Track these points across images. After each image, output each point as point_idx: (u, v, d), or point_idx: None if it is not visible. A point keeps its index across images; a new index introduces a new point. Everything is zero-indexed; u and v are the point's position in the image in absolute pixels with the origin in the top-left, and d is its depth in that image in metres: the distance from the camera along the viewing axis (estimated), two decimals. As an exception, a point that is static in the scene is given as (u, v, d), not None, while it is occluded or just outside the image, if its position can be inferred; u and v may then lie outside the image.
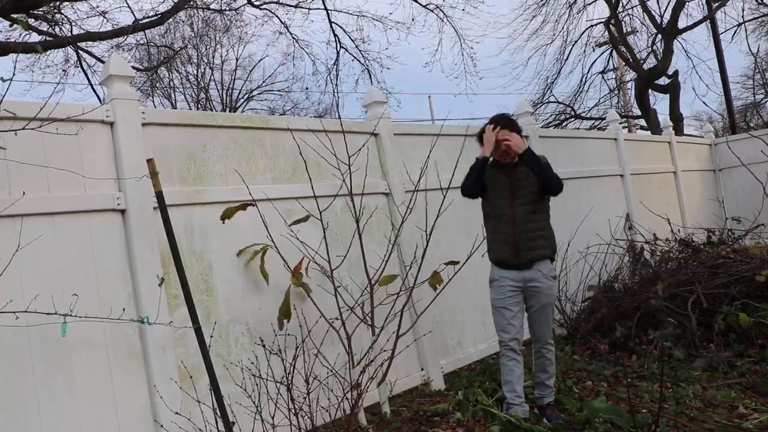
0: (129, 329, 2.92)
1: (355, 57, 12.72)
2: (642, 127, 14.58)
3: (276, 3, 11.78)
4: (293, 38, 12.65)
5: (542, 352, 3.50)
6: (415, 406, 3.87)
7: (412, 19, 19.73)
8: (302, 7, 11.85)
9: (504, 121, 3.45)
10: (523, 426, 3.18)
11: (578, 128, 14.43)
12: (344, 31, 12.49)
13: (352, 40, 12.60)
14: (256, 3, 11.61)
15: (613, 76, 15.39)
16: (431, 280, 3.83)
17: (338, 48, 12.46)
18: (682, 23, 11.85)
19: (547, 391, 3.52)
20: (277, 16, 12.21)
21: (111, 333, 2.85)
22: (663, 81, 12.00)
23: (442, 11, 12.46)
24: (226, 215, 3.22)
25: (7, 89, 2.39)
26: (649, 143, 7.85)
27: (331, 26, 12.12)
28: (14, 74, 2.39)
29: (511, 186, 3.40)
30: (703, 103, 17.15)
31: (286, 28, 12.41)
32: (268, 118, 3.96)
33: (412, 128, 5.09)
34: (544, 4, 13.79)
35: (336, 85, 12.79)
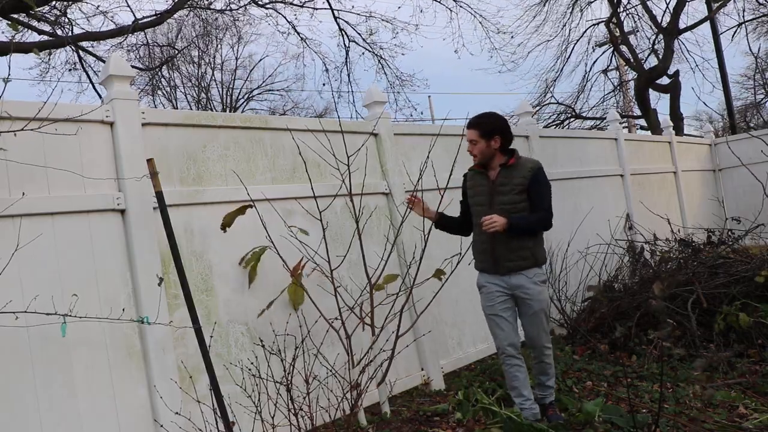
0: (129, 329, 2.92)
1: (365, 50, 12.71)
2: (642, 127, 14.58)
3: (282, 2, 11.76)
4: (301, 38, 12.61)
5: (541, 358, 3.44)
6: (415, 406, 3.87)
7: (420, 11, 19.70)
8: (308, 7, 11.83)
9: (471, 122, 3.33)
10: (524, 423, 3.18)
11: (579, 128, 14.43)
12: (351, 26, 12.46)
13: (359, 34, 12.60)
14: (260, 2, 11.59)
15: (616, 75, 15.41)
16: (435, 274, 3.81)
17: (347, 44, 12.46)
18: (683, 21, 11.87)
19: (548, 391, 3.50)
20: (283, 16, 12.20)
21: (111, 333, 2.86)
22: (664, 80, 12.00)
23: None
24: (226, 223, 3.18)
25: (4, 89, 2.39)
26: (649, 143, 7.85)
27: (337, 22, 12.12)
28: (9, 74, 2.40)
29: (490, 191, 3.30)
30: (704, 103, 17.21)
31: (293, 27, 12.39)
32: (268, 118, 3.96)
33: (412, 128, 5.09)
34: (545, 2, 13.80)
35: (350, 81, 12.81)
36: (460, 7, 12.47)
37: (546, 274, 3.39)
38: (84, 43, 9.78)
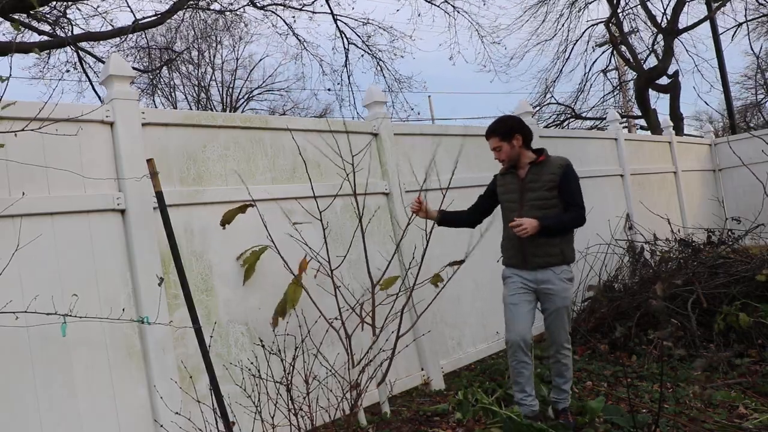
0: (129, 329, 2.92)
1: (365, 51, 12.71)
2: (642, 127, 14.59)
3: (280, 5, 11.76)
4: (299, 40, 12.65)
5: (558, 357, 3.39)
6: (415, 406, 3.87)
7: (419, 15, 19.77)
8: (307, 11, 11.83)
9: (488, 131, 3.40)
10: (524, 422, 3.18)
11: (579, 128, 14.44)
12: (350, 27, 12.45)
13: (359, 36, 12.60)
14: (259, 4, 11.58)
15: (616, 75, 15.44)
16: (432, 279, 3.82)
17: (347, 46, 12.46)
18: (683, 21, 11.89)
19: (563, 395, 3.44)
20: (281, 18, 12.23)
21: (111, 333, 2.86)
22: (663, 80, 12.01)
23: (452, 5, 12.40)
24: (226, 220, 3.19)
25: (5, 89, 2.39)
26: (649, 143, 7.85)
27: (336, 24, 12.12)
28: (11, 74, 2.40)
29: (520, 188, 3.34)
30: (705, 102, 17.20)
31: (291, 30, 12.40)
32: (268, 118, 3.96)
33: (412, 128, 5.08)
34: (544, 2, 13.82)
35: (350, 82, 12.85)
36: (458, 12, 12.53)
37: (573, 273, 3.38)
38: (84, 44, 9.78)
